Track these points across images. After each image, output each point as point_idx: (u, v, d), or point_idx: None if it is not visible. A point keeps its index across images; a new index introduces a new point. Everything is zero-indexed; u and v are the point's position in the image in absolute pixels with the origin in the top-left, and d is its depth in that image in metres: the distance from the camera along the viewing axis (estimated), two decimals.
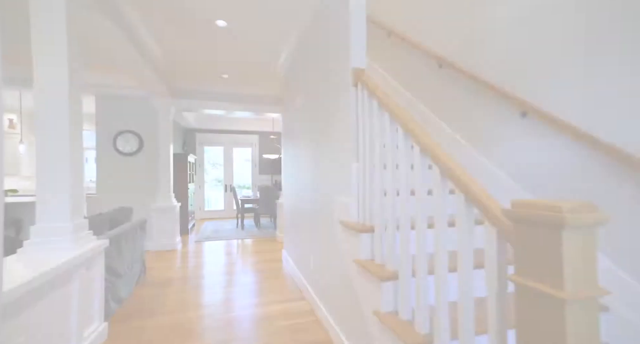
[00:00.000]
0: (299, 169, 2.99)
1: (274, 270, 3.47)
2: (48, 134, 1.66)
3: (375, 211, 1.41)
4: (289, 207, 3.58)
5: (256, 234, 5.56)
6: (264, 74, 4.15)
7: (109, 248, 2.20)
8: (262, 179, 8.04)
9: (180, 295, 2.74)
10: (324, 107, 2.17)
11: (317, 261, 2.33)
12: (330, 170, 2.04)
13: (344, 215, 1.72)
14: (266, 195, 5.93)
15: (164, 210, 4.31)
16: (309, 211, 2.62)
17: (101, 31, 2.29)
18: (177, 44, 3.17)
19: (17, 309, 1.23)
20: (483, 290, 1.39)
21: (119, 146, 4.29)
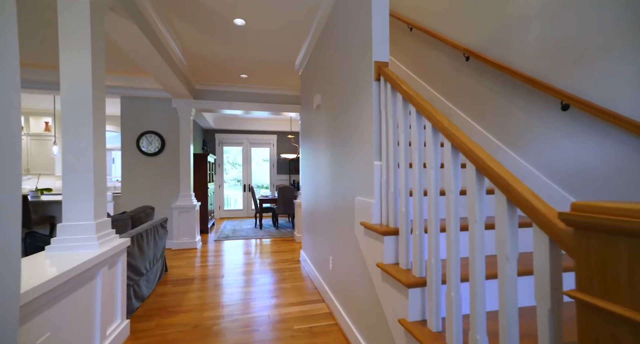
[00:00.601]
0: (317, 169, 2.93)
1: (292, 271, 3.43)
2: (73, 136, 1.70)
3: (400, 213, 1.31)
4: (306, 207, 3.53)
5: (274, 234, 5.56)
6: (282, 72, 4.13)
7: (131, 247, 2.24)
8: (280, 179, 8.06)
9: (200, 294, 2.75)
10: (343, 104, 2.10)
11: (337, 263, 2.26)
12: (350, 169, 1.96)
13: (366, 216, 1.64)
14: (284, 195, 5.92)
15: (184, 209, 4.38)
16: (327, 212, 2.55)
17: (124, 33, 2.32)
18: (196, 45, 3.20)
19: (42, 306, 1.24)
20: (526, 298, 1.27)
21: (142, 146, 4.40)
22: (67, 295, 1.41)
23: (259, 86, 4.75)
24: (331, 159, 2.43)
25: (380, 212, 1.55)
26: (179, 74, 3.67)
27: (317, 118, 2.94)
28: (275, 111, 4.90)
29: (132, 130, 4.41)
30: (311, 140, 3.26)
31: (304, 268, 3.51)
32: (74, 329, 1.46)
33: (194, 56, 3.54)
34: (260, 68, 3.95)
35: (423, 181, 1.20)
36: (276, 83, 4.63)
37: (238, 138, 7.80)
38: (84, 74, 1.72)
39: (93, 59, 1.74)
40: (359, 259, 1.79)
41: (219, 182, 7.65)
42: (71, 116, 1.70)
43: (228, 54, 3.48)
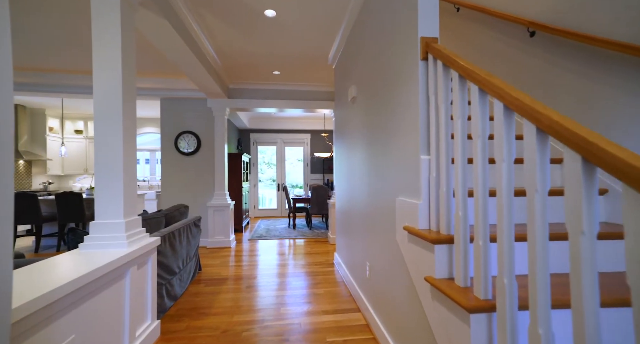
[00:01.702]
0: (352, 167, 2.72)
1: (325, 274, 3.25)
2: (104, 138, 1.68)
3: (456, 217, 1.07)
4: (341, 207, 3.33)
5: (307, 234, 5.44)
6: (315, 67, 3.98)
7: (162, 246, 2.22)
8: (314, 179, 7.95)
9: (232, 295, 2.68)
10: (382, 93, 1.87)
11: (375, 271, 2.04)
12: (390, 166, 1.73)
13: (410, 220, 1.40)
14: (317, 194, 5.78)
15: (219, 208, 4.42)
16: (363, 213, 2.33)
17: (156, 29, 2.31)
18: (228, 41, 3.15)
19: (66, 308, 1.19)
20: None
21: (180, 146, 4.52)
22: (93, 296, 1.36)
23: (291, 82, 4.65)
24: (368, 156, 2.21)
25: (428, 216, 1.31)
26: (213, 73, 3.68)
27: (352, 112, 2.73)
28: (308, 108, 4.77)
29: (171, 130, 4.55)
30: (346, 136, 3.06)
31: (338, 272, 3.32)
32: (101, 331, 1.41)
33: (226, 54, 3.51)
34: (292, 63, 3.84)
35: (487, 179, 0.95)
36: (309, 79, 4.49)
37: (272, 137, 7.83)
38: (114, 72, 1.69)
39: (123, 55, 1.71)
40: (401, 268, 1.56)
41: (254, 181, 7.74)
42: (102, 115, 1.68)
43: (260, 50, 3.40)
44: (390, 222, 1.72)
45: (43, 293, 1.05)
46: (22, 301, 0.99)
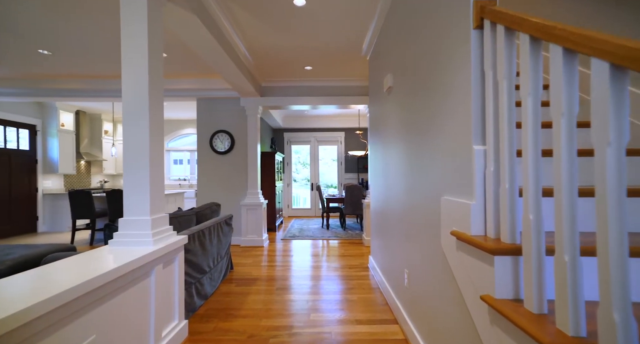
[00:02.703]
0: (388, 163, 2.49)
1: (359, 279, 3.05)
2: (132, 138, 1.67)
3: (526, 222, 0.82)
4: (375, 208, 3.10)
5: (341, 235, 5.26)
6: (348, 59, 3.78)
7: (192, 244, 2.19)
8: (348, 178, 7.74)
9: (261, 297, 2.60)
10: (423, 76, 1.63)
11: (414, 279, 1.80)
12: (433, 160, 1.49)
13: (459, 224, 1.17)
14: (351, 194, 5.57)
15: (251, 207, 4.42)
16: (401, 215, 2.10)
17: (185, 25, 2.30)
18: (257, 34, 3.08)
19: (85, 307, 1.15)
20: None
21: (215, 145, 4.60)
22: (116, 295, 1.32)
23: (324, 78, 4.50)
24: (405, 150, 1.98)
25: (483, 219, 1.07)
26: (245, 70, 3.66)
27: (388, 104, 2.50)
28: (342, 104, 4.58)
29: (206, 130, 4.65)
30: (381, 132, 2.83)
31: (373, 277, 3.10)
32: (125, 331, 1.37)
33: (257, 50, 3.46)
34: (324, 57, 3.68)
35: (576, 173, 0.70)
36: (342, 73, 4.31)
37: (305, 136, 7.76)
38: (141, 68, 1.67)
39: (150, 50, 1.68)
40: (447, 280, 1.32)
41: (288, 180, 7.73)
42: (130, 120, 1.67)
43: (290, 43, 3.29)
44: (433, 226, 1.48)
45: (58, 292, 1.01)
46: (37, 300, 0.95)
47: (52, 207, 5.90)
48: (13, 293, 0.99)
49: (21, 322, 0.87)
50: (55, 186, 6.12)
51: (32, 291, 1.01)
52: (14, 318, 0.85)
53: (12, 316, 0.84)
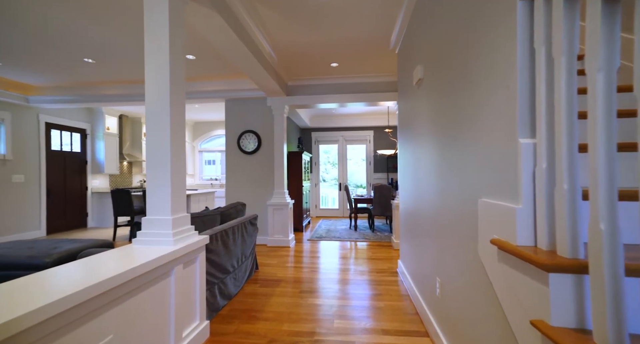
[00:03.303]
0: (418, 162, 2.31)
1: (388, 285, 2.88)
2: (154, 138, 1.68)
3: (595, 234, 0.65)
4: (405, 209, 2.91)
5: (369, 237, 5.08)
6: (376, 54, 3.62)
7: (214, 244, 2.18)
8: (378, 178, 7.51)
9: (286, 300, 2.54)
10: (457, 62, 1.45)
11: (447, 290, 1.62)
12: (469, 157, 1.31)
13: (502, 231, 0.99)
14: (380, 195, 5.36)
15: (278, 207, 4.40)
16: (432, 217, 1.91)
17: (208, 24, 2.30)
18: (282, 32, 3.03)
19: (103, 306, 1.15)
20: None
21: (242, 145, 4.66)
22: (134, 294, 1.32)
23: (351, 75, 4.37)
24: (437, 146, 1.80)
25: (533, 227, 0.89)
26: (270, 69, 3.64)
27: (418, 98, 2.31)
28: (370, 101, 4.42)
29: (234, 130, 4.72)
30: (410, 128, 2.64)
31: (403, 283, 2.91)
32: (143, 331, 1.37)
33: (281, 47, 3.42)
34: (350, 52, 3.55)
35: None
36: (370, 69, 4.14)
37: (333, 136, 7.66)
38: (162, 67, 1.67)
39: (171, 50, 1.68)
40: (486, 295, 1.14)
41: (315, 180, 7.68)
42: (153, 121, 1.68)
43: (315, 39, 3.21)
44: (469, 232, 1.30)
45: (74, 291, 1.00)
46: (53, 299, 0.94)
47: (99, 204, 6.38)
48: (33, 292, 1.00)
49: (31, 323, 0.86)
50: (102, 185, 6.60)
51: (43, 290, 1.01)
52: (26, 319, 0.84)
53: (23, 317, 0.84)
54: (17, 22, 2.82)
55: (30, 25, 2.87)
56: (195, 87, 4.55)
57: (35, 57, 3.70)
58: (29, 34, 3.05)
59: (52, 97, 4.99)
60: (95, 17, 2.71)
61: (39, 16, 2.71)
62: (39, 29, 2.96)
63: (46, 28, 2.94)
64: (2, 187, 4.82)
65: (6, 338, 0.79)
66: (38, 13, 2.65)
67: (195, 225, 2.16)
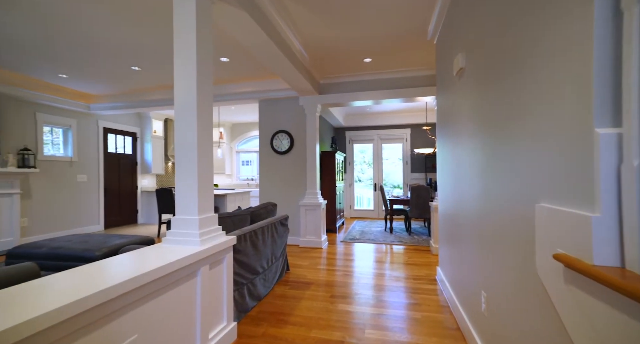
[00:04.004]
0: (460, 161, 2.08)
1: (426, 293, 2.66)
2: (182, 139, 1.69)
3: None
4: (445, 212, 2.67)
5: (406, 240, 4.82)
6: (412, 46, 3.39)
7: (243, 245, 2.16)
8: (415, 178, 7.14)
9: (315, 304, 2.45)
10: (509, 43, 1.24)
11: (495, 306, 1.41)
12: (523, 152, 1.11)
13: (569, 244, 0.80)
14: (418, 196, 5.07)
15: (310, 207, 4.35)
16: (475, 222, 1.69)
17: (237, 23, 2.30)
18: (312, 28, 2.95)
19: (126, 305, 1.15)
20: None
21: (275, 145, 4.68)
22: (159, 294, 1.31)
23: (385, 70, 4.17)
24: (481, 142, 1.58)
25: (617, 242, 0.69)
26: (301, 68, 3.59)
27: (459, 89, 2.08)
28: (406, 97, 4.17)
29: (267, 130, 4.76)
30: (450, 124, 2.41)
31: (442, 292, 2.67)
32: (168, 331, 1.36)
33: (313, 46, 3.35)
34: (384, 46, 3.37)
35: None
36: (405, 62, 3.91)
37: (368, 134, 7.44)
38: (189, 67, 1.68)
39: (198, 47, 1.68)
40: (545, 319, 0.94)
41: (350, 180, 7.53)
42: (181, 122, 1.70)
43: (347, 34, 3.08)
44: (522, 241, 1.10)
45: (98, 290, 1.01)
46: (76, 298, 0.95)
47: (147, 202, 6.87)
48: (65, 289, 1.02)
49: (57, 320, 0.86)
50: (150, 184, 7.11)
51: (74, 287, 1.03)
52: (52, 316, 0.85)
53: (50, 313, 0.84)
54: (75, 38, 3.09)
55: (85, 39, 3.12)
56: (229, 89, 4.67)
57: (92, 68, 4.05)
58: (85, 47, 3.33)
59: (108, 104, 5.46)
60: (138, 24, 2.85)
61: (89, 29, 2.93)
62: (91, 42, 3.21)
63: (97, 40, 3.17)
64: (69, 186, 5.38)
65: (32, 334, 0.80)
66: (88, 26, 2.87)
67: (224, 225, 2.17)
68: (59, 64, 3.90)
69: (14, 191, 4.50)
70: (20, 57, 3.66)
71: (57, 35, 3.07)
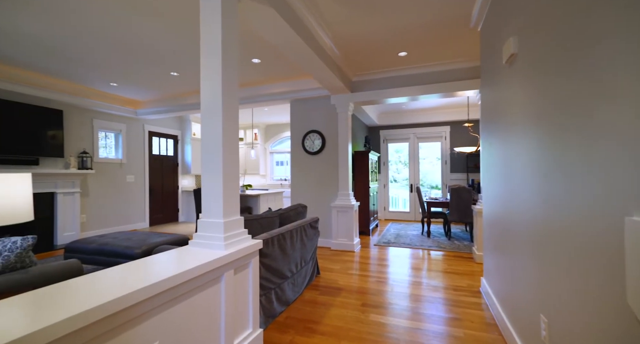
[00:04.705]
0: (511, 161, 1.82)
1: (469, 307, 2.41)
2: (208, 139, 1.67)
3: None
4: (491, 217, 2.38)
5: (445, 245, 4.48)
6: (452, 37, 3.11)
7: (271, 248, 2.10)
8: (455, 179, 6.68)
9: (345, 313, 2.32)
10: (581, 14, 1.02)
11: (560, 334, 1.18)
12: (609, 152, 0.88)
13: None
14: (459, 198, 4.70)
15: (342, 209, 4.22)
16: (533, 232, 1.45)
17: (264, 20, 2.25)
18: (343, 22, 2.82)
19: (147, 311, 1.12)
20: None
21: (306, 145, 4.63)
22: (182, 300, 1.28)
23: (422, 64, 3.90)
24: (540, 139, 1.34)
25: None
26: (332, 65, 3.47)
27: (509, 79, 1.83)
28: (445, 92, 3.87)
29: (299, 130, 4.72)
30: (498, 119, 2.14)
31: (488, 307, 2.39)
32: (191, 338, 1.33)
33: (344, 41, 3.22)
34: (421, 38, 3.13)
35: None
36: (445, 55, 3.62)
37: (404, 133, 7.11)
38: (215, 63, 1.65)
39: (223, 48, 1.65)
40: None
41: (384, 181, 7.26)
42: (206, 124, 1.67)
43: (380, 27, 2.91)
44: (604, 261, 0.88)
45: (117, 296, 0.99)
46: (97, 303, 0.93)
47: (187, 202, 7.23)
48: (89, 292, 1.02)
49: (79, 325, 0.85)
50: (190, 185, 7.48)
51: (95, 292, 1.02)
52: (76, 320, 0.83)
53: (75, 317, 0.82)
54: (123, 48, 3.28)
55: (131, 49, 3.31)
56: (262, 90, 4.71)
57: (137, 76, 4.32)
58: (132, 56, 3.54)
59: (152, 109, 5.82)
60: (176, 31, 2.95)
61: (134, 40, 3.08)
62: (136, 51, 3.39)
63: (141, 49, 3.35)
64: (119, 186, 5.82)
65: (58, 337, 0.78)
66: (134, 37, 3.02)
67: (252, 228, 2.13)
68: (110, 73, 4.21)
69: (75, 190, 4.98)
70: (79, 69, 4.00)
71: (109, 48, 3.29)
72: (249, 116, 7.06)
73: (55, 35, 3.01)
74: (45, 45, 3.27)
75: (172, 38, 3.11)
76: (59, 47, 3.30)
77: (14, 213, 1.21)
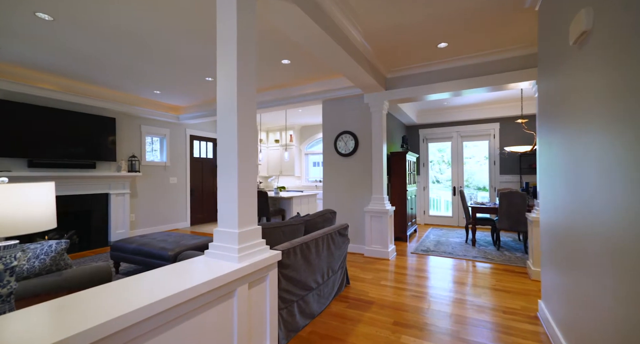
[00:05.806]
0: (579, 162, 1.47)
1: (524, 336, 2.05)
2: (224, 146, 1.60)
3: None
4: (551, 227, 2.00)
5: (493, 256, 4.00)
6: (501, 22, 2.73)
7: (292, 259, 1.97)
8: (505, 181, 6.02)
9: (374, 331, 2.12)
10: None
11: None
12: None
13: None
14: (509, 204, 4.17)
15: (376, 214, 3.97)
16: (623, 250, 1.12)
17: (286, 17, 2.13)
18: (373, 14, 2.60)
19: (149, 331, 1.05)
20: None
21: (339, 147, 4.45)
22: (190, 317, 1.20)
23: (466, 55, 3.51)
24: (625, 135, 1.02)
25: None
26: (363, 61, 3.26)
27: (578, 64, 1.48)
28: (495, 85, 3.44)
29: (331, 132, 4.56)
30: (562, 114, 1.77)
31: (549, 338, 2.01)
32: None
33: (375, 35, 2.99)
34: (465, 25, 2.79)
35: None
36: (493, 43, 3.20)
37: (446, 132, 6.59)
38: (230, 58, 1.56)
39: (239, 42, 1.55)
40: None
41: (424, 183, 6.80)
42: (222, 129, 1.60)
43: (416, 16, 2.64)
44: None
45: (113, 317, 0.92)
46: (95, 323, 0.87)
47: None
48: (98, 306, 0.97)
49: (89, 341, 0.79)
50: None
51: (100, 308, 0.96)
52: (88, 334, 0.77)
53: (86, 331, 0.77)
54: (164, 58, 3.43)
55: (170, 57, 3.44)
56: (293, 92, 4.64)
57: (177, 83, 4.52)
58: (171, 65, 3.68)
59: (192, 114, 6.09)
60: (206, 38, 2.98)
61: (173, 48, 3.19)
62: (174, 59, 3.52)
63: (178, 57, 3.46)
64: (163, 187, 6.19)
65: None
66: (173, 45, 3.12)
67: (274, 236, 2.02)
68: (154, 82, 4.45)
69: (125, 191, 5.39)
70: (127, 80, 4.29)
71: (153, 58, 3.46)
72: (283, 117, 7.08)
73: (108, 53, 3.22)
74: (100, 62, 3.53)
75: (203, 44, 3.15)
76: (112, 62, 3.54)
77: (35, 222, 1.23)
